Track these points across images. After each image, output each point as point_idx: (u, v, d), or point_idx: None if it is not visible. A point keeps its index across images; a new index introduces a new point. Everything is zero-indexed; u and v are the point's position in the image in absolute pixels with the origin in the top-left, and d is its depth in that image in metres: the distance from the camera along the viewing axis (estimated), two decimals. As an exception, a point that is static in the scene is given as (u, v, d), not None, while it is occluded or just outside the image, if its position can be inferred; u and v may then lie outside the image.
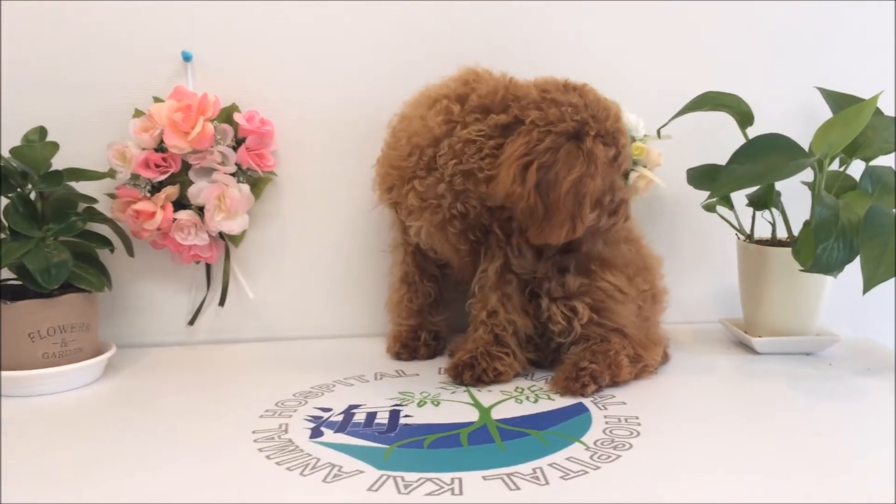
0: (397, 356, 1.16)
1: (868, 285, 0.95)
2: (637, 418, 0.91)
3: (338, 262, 1.27)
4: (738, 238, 1.22)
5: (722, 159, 1.19)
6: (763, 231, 1.23)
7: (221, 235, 1.20)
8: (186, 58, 1.18)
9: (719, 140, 1.25)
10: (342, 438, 0.86)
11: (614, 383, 1.01)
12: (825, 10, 1.32)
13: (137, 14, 1.17)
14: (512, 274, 1.05)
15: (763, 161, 1.05)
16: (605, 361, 1.01)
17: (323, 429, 0.88)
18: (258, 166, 1.18)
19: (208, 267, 1.23)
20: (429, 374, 1.09)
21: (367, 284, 1.27)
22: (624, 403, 0.96)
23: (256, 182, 1.20)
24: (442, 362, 1.14)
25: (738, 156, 1.07)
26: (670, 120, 1.18)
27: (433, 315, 1.19)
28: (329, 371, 1.10)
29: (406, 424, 0.89)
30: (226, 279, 1.23)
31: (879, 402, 0.96)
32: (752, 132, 1.14)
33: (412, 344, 1.17)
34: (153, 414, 0.95)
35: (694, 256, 1.34)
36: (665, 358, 1.12)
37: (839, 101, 1.20)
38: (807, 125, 1.24)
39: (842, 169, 1.15)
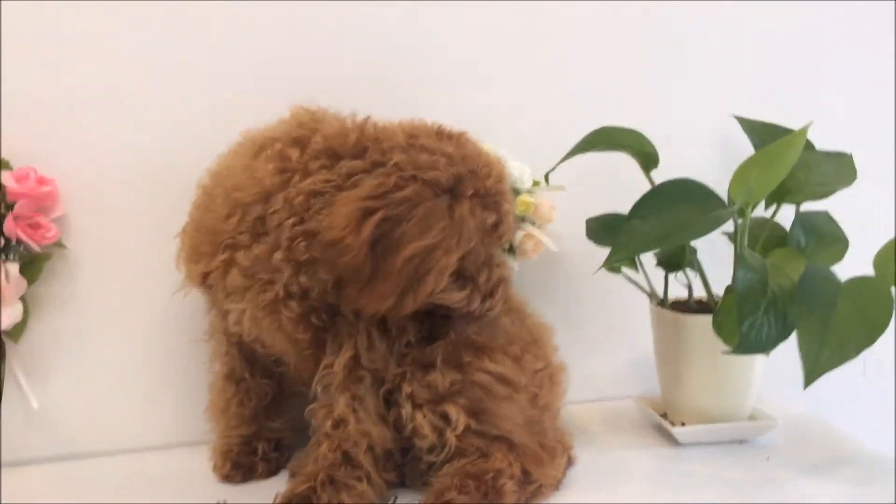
0: (227, 479, 0.89)
1: (810, 377, 0.74)
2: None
3: (151, 355, 0.99)
4: (651, 301, 1.00)
5: (627, 206, 0.98)
6: (679, 290, 1.01)
7: (-6, 329, 0.92)
8: (-65, 102, 0.91)
9: (623, 183, 1.03)
10: None
11: (496, 515, 0.77)
12: (743, 25, 1.13)
13: None
14: (365, 370, 0.81)
15: (670, 215, 0.83)
16: (479, 489, 0.76)
17: None
18: (33, 239, 0.90)
19: (-20, 370, 0.95)
20: (260, 504, 0.83)
21: (190, 381, 0.99)
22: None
23: (32, 259, 0.92)
24: (283, 482, 0.87)
25: (639, 209, 0.85)
26: (559, 163, 0.96)
27: (272, 419, 0.92)
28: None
29: None
30: (-2, 386, 0.94)
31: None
32: (659, 173, 0.94)
33: (246, 461, 0.90)
34: None
35: (601, 323, 1.11)
36: (569, 463, 0.88)
37: (761, 133, 1.00)
38: (725, 161, 1.03)
39: (769, 216, 0.94)
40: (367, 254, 0.72)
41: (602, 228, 0.99)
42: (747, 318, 0.78)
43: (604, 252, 0.99)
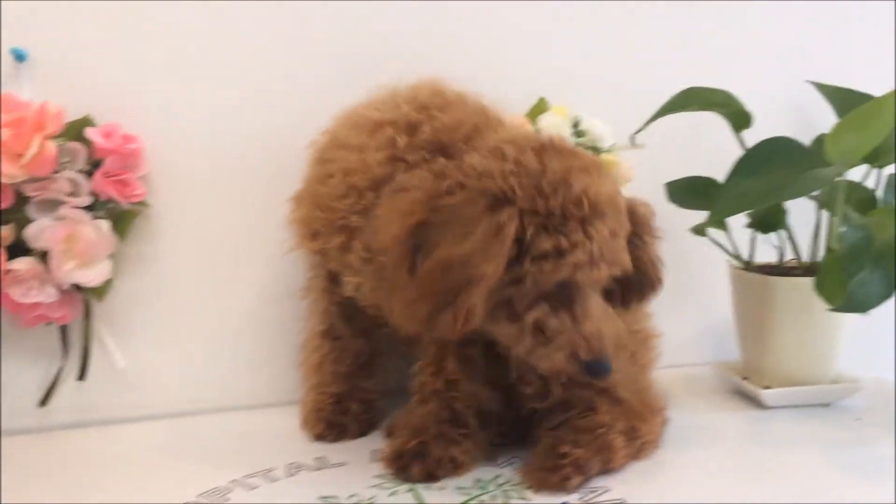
0: (320, 438, 0.89)
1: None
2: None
3: (233, 314, 0.99)
4: (733, 265, 1.00)
5: (705, 169, 0.98)
6: (763, 255, 1.01)
7: (79, 287, 0.91)
8: (19, 57, 0.89)
9: (703, 145, 1.04)
10: None
11: (606, 470, 0.77)
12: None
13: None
14: (477, 333, 0.80)
15: (770, 174, 0.83)
16: (593, 443, 0.76)
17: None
18: (122, 196, 0.90)
19: (64, 329, 0.94)
20: (360, 462, 0.82)
21: (274, 341, 0.99)
22: (620, 501, 0.72)
23: (121, 216, 0.91)
24: (375, 441, 0.87)
25: (741, 167, 0.85)
26: (649, 122, 0.96)
27: (365, 379, 0.92)
28: (225, 464, 0.82)
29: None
30: (86, 344, 0.93)
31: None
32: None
33: (339, 420, 0.89)
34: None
35: (677, 287, 1.09)
36: (664, 423, 0.89)
37: (842, 99, 0.99)
38: (800, 127, 1.03)
39: (860, 179, 0.94)
40: (403, 260, 0.67)
41: (686, 191, 0.98)
42: (854, 276, 0.78)
43: (678, 213, 0.99)
